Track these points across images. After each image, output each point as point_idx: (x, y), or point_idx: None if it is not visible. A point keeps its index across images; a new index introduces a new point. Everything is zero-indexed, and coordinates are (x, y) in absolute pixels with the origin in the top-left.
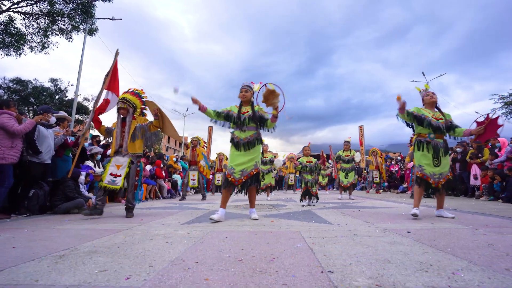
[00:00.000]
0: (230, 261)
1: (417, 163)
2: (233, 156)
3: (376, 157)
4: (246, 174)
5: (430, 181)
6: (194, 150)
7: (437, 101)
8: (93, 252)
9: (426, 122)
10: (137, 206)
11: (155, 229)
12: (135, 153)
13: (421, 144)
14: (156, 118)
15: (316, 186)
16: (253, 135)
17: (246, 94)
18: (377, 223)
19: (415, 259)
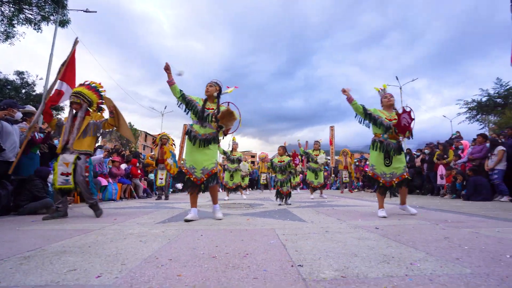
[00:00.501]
0: (204, 257)
1: (370, 163)
2: (191, 152)
3: (346, 157)
4: (207, 172)
5: (381, 180)
6: (162, 148)
7: (394, 103)
8: (62, 252)
9: (379, 122)
10: (110, 205)
11: (129, 228)
12: (83, 150)
13: (375, 143)
14: (112, 116)
15: (287, 185)
16: (212, 133)
17: (210, 88)
18: (348, 221)
19: (380, 252)
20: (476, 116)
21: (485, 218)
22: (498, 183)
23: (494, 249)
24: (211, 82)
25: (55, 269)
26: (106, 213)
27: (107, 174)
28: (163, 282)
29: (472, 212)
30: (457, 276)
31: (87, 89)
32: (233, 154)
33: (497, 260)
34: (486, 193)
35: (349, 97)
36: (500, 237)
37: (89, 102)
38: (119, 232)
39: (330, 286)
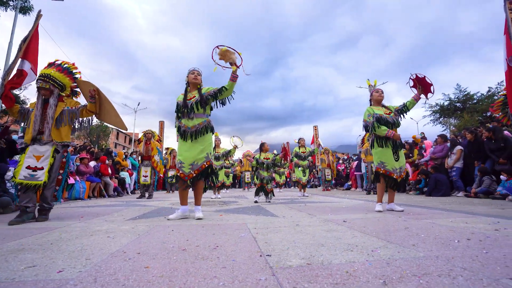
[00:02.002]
0: (174, 250)
1: (378, 160)
2: (181, 147)
3: (328, 156)
4: (197, 167)
5: (394, 176)
6: (148, 144)
7: (383, 98)
8: (19, 250)
9: (383, 120)
10: (77, 204)
11: (97, 225)
12: (61, 141)
13: (380, 140)
14: (92, 101)
15: (271, 183)
16: (202, 123)
17: (199, 77)
18: (319, 215)
19: (345, 242)
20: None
21: (442, 211)
22: (455, 180)
23: (446, 236)
24: (197, 70)
25: (10, 267)
26: (72, 212)
27: (74, 171)
28: (129, 274)
29: (431, 206)
30: (411, 259)
31: (57, 71)
32: (216, 151)
33: (446, 245)
34: (445, 189)
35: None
36: (452, 226)
37: (60, 87)
38: (85, 229)
39: (295, 272)
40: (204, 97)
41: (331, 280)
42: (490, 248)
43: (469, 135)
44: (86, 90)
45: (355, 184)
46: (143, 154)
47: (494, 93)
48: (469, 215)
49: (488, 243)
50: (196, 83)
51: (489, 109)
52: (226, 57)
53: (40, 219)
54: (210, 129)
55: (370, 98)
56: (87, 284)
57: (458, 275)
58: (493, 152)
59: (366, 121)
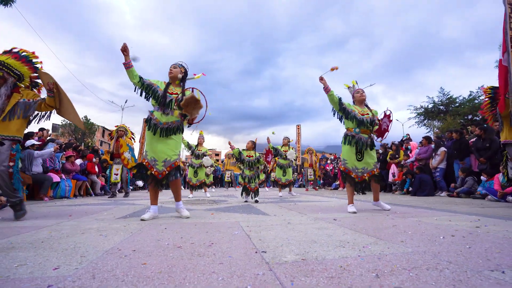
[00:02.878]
0: (169, 248)
1: (342, 157)
2: (152, 142)
3: (311, 156)
4: (170, 164)
5: (352, 175)
6: (118, 141)
7: (365, 98)
8: (9, 249)
9: (351, 115)
10: (63, 203)
11: (87, 224)
12: (10, 135)
13: (347, 137)
14: (51, 95)
15: (255, 182)
16: (175, 122)
17: (174, 70)
18: (309, 214)
19: (337, 239)
20: (423, 121)
21: (427, 210)
22: (439, 180)
23: (431, 233)
24: (175, 63)
25: (3, 265)
26: (59, 211)
27: (60, 170)
28: (127, 270)
29: (417, 205)
30: (400, 254)
31: (13, 58)
32: (198, 149)
33: (433, 241)
34: (429, 189)
35: (326, 87)
36: (437, 224)
37: (17, 76)
38: (76, 227)
39: (292, 267)
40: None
41: (326, 274)
42: (473, 243)
43: (455, 135)
44: (45, 82)
45: (342, 184)
46: (113, 152)
47: (475, 97)
48: (452, 214)
49: (470, 239)
50: (172, 78)
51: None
52: (189, 107)
53: (18, 215)
54: (181, 130)
55: (353, 100)
56: (86, 280)
57: (445, 268)
58: (478, 151)
59: None
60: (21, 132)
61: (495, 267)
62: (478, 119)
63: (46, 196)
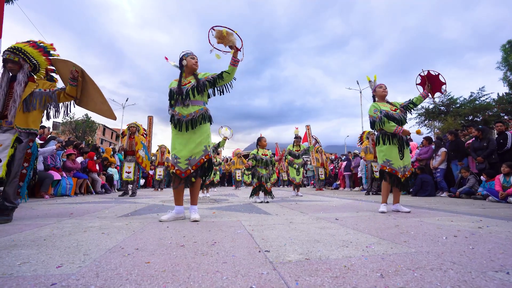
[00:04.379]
0: (172, 246)
1: (384, 158)
2: (176, 140)
3: (321, 155)
4: (195, 163)
5: (399, 175)
6: (132, 138)
7: (387, 94)
8: (12, 246)
9: (390, 116)
10: (64, 201)
11: (89, 222)
12: (27, 128)
13: (386, 137)
14: (74, 84)
15: (270, 182)
16: (198, 111)
17: (197, 63)
18: (311, 213)
19: (339, 238)
20: (424, 121)
21: (429, 210)
22: (439, 181)
23: (434, 233)
24: (195, 56)
25: (6, 262)
26: (60, 209)
27: (61, 167)
28: (131, 269)
29: (418, 205)
30: (404, 255)
31: (31, 47)
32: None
33: (435, 241)
34: (430, 189)
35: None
36: (439, 224)
37: (33, 65)
38: (77, 225)
39: (296, 267)
40: (201, 82)
41: (330, 274)
42: (476, 244)
43: (450, 136)
44: (65, 70)
45: (343, 184)
46: (126, 149)
47: (475, 98)
48: (453, 214)
49: (473, 239)
50: (195, 69)
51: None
52: (225, 39)
53: (1, 220)
54: (208, 118)
55: (374, 94)
56: (90, 279)
57: (449, 269)
58: (475, 151)
59: (373, 116)
60: (37, 124)
61: (500, 268)
62: (479, 120)
63: (46, 194)
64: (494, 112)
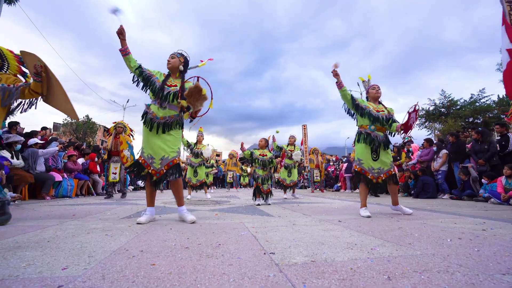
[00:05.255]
0: (176, 248)
1: (356, 157)
2: (148, 138)
3: (317, 156)
4: (168, 162)
5: (369, 176)
6: (117, 138)
7: (380, 95)
8: (16, 248)
9: (366, 112)
10: (66, 202)
11: (92, 223)
12: None
13: (361, 135)
14: (38, 79)
15: (268, 183)
16: (173, 116)
17: (172, 60)
18: (314, 215)
19: (344, 240)
20: (425, 123)
21: (431, 212)
22: (441, 183)
23: (438, 236)
24: (174, 53)
25: (11, 264)
26: (62, 210)
27: (62, 169)
28: (137, 271)
29: (420, 207)
30: (409, 257)
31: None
32: (197, 147)
33: (440, 243)
34: (432, 191)
35: (339, 82)
36: (443, 226)
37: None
38: (80, 227)
39: (302, 269)
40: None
41: (337, 276)
42: (481, 246)
43: (451, 138)
44: (30, 64)
45: (344, 186)
46: (110, 149)
47: (476, 100)
48: (456, 216)
49: (478, 242)
50: (171, 68)
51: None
52: (192, 97)
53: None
54: (181, 125)
55: (367, 95)
56: (96, 281)
57: (456, 271)
58: (476, 154)
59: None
60: None
61: (507, 270)
62: (480, 121)
63: (48, 195)
64: (495, 114)
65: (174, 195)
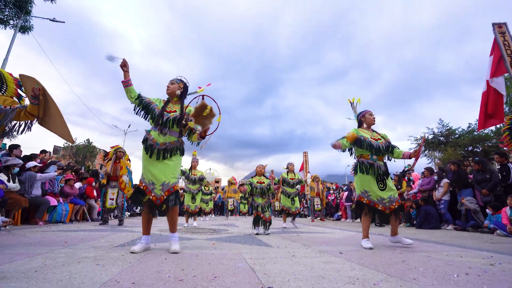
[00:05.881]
0: (170, 280)
1: (361, 189)
2: (148, 164)
3: (317, 184)
4: (168, 188)
5: (379, 207)
6: (117, 163)
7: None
8: (1, 278)
9: (366, 143)
10: (59, 228)
11: (83, 251)
12: None
13: (363, 166)
14: (35, 102)
15: (269, 211)
16: (174, 142)
17: (171, 86)
18: (313, 246)
19: (345, 274)
20: (424, 151)
21: (435, 244)
22: (444, 213)
23: (444, 270)
24: (173, 79)
25: None
26: (54, 236)
27: (58, 193)
28: None
29: (424, 238)
30: None
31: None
32: (193, 173)
33: (447, 279)
34: (435, 221)
35: (338, 147)
36: (448, 260)
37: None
38: (71, 255)
39: None
40: (185, 118)
41: None
42: (490, 283)
43: (453, 166)
44: (28, 87)
45: (345, 215)
46: (110, 174)
47: (474, 129)
48: (462, 249)
49: (487, 278)
50: (170, 94)
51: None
52: (199, 117)
53: None
54: (181, 151)
55: (362, 119)
56: None
57: None
58: (479, 184)
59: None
60: None
61: None
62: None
63: (41, 220)
64: (494, 143)
65: (169, 221)
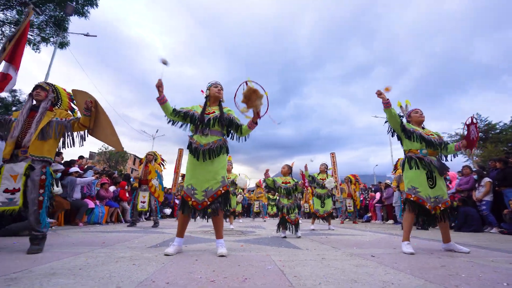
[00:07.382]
0: (202, 281)
1: (409, 185)
2: (192, 168)
3: (349, 185)
4: (212, 194)
5: (427, 206)
6: (147, 167)
7: (424, 120)
8: (51, 274)
9: (416, 135)
10: (97, 229)
11: (120, 251)
12: (41, 156)
13: (412, 160)
14: (88, 114)
15: (295, 212)
16: (217, 141)
17: (222, 92)
18: (344, 249)
19: (379, 279)
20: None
21: (478, 248)
22: (486, 214)
23: (490, 277)
24: (220, 84)
25: None
26: (93, 237)
27: (95, 196)
28: None
29: (464, 242)
30: None
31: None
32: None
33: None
34: (476, 224)
35: (386, 101)
36: (495, 266)
37: (57, 99)
38: (109, 255)
39: None
40: (224, 115)
41: None
42: None
43: (498, 164)
44: (81, 101)
45: (375, 216)
46: (141, 177)
47: None
48: (510, 255)
49: None
50: (219, 97)
51: None
52: (251, 100)
53: (33, 250)
54: (225, 149)
55: (408, 119)
56: None
57: None
58: None
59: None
60: (52, 153)
61: None
62: None
63: (81, 222)
64: None
65: (214, 227)
